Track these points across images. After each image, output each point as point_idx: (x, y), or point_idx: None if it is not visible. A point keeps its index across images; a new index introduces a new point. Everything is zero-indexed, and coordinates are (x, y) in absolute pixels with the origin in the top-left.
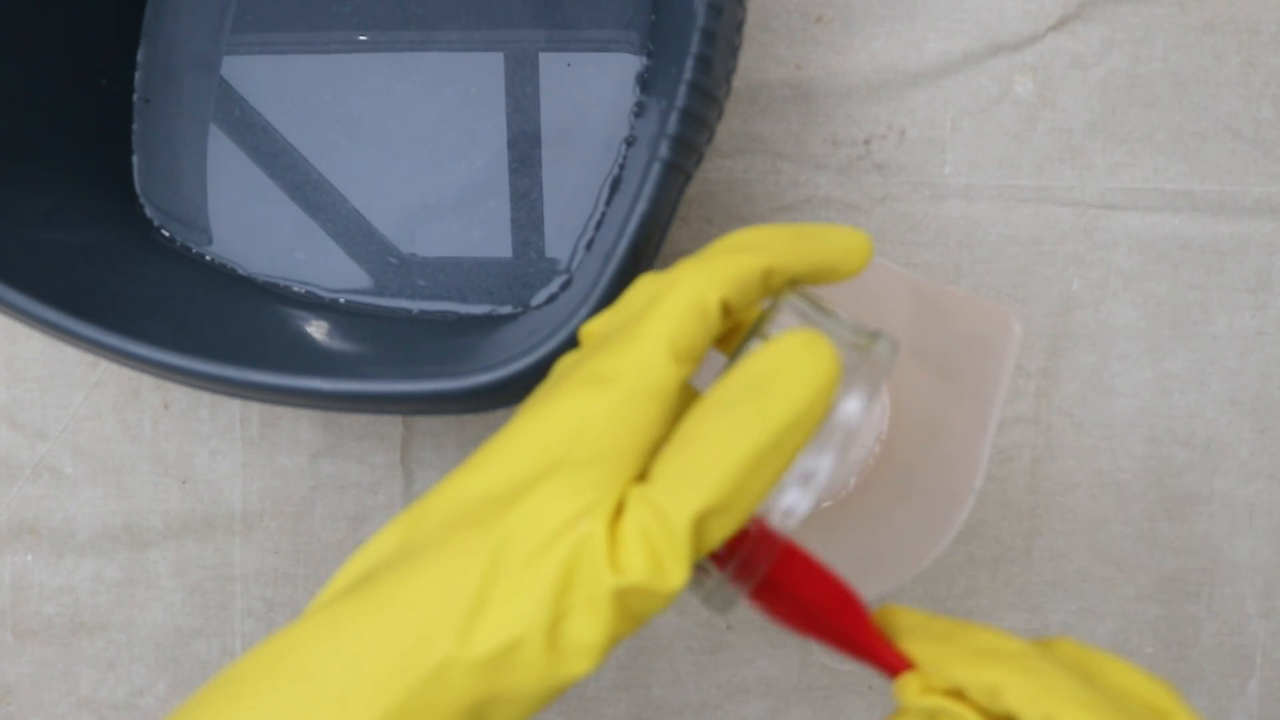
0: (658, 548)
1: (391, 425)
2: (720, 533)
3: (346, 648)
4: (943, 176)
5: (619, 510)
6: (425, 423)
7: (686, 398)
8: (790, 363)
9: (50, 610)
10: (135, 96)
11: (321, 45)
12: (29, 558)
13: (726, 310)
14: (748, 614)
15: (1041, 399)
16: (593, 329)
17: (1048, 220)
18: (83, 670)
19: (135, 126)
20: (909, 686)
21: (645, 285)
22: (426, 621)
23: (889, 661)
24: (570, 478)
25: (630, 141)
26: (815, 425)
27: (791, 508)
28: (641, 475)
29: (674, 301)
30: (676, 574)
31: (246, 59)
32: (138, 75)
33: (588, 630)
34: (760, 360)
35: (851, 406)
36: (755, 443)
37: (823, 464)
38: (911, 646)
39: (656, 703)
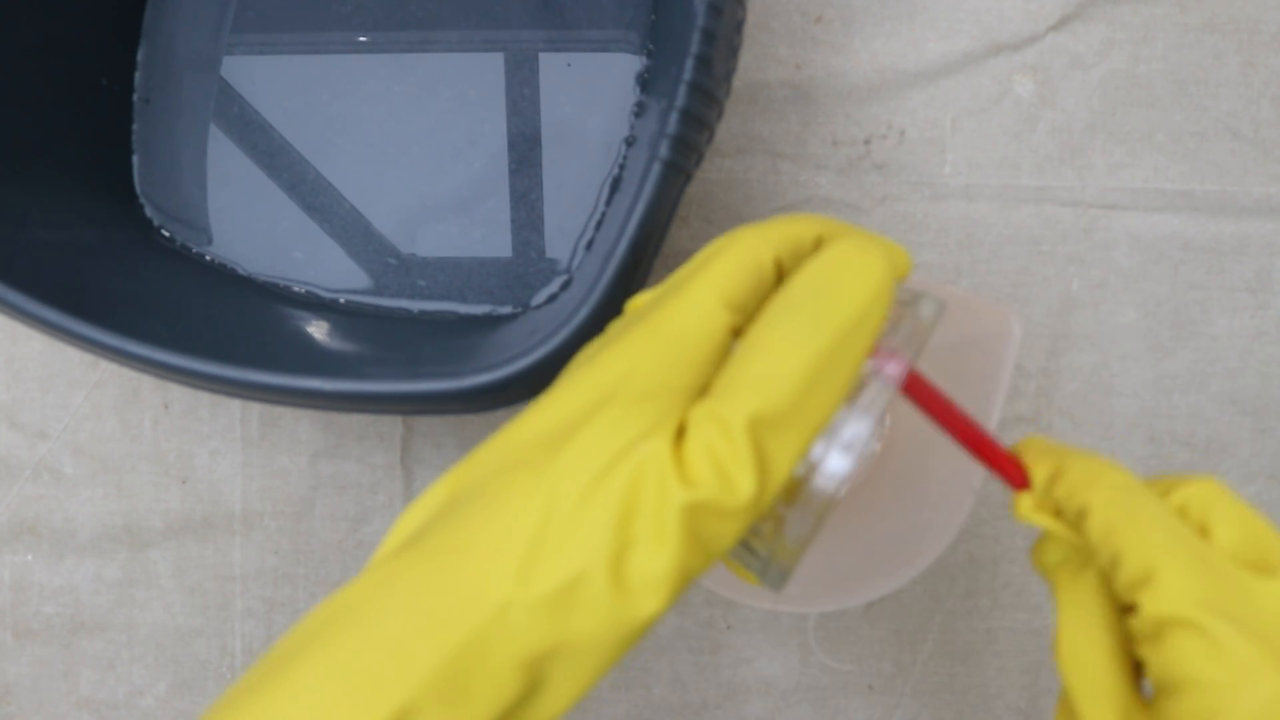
0: (720, 456)
1: (391, 425)
2: (786, 449)
3: (403, 597)
4: (943, 176)
5: (681, 434)
6: (425, 423)
7: None
8: (845, 266)
9: (50, 610)
10: (135, 96)
11: (321, 45)
12: (29, 558)
13: (779, 269)
14: (748, 614)
15: (1041, 399)
16: (640, 300)
17: (1048, 220)
18: (83, 670)
19: (135, 126)
20: (1022, 503)
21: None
22: (484, 565)
23: (1011, 474)
24: (625, 409)
25: (630, 141)
26: (873, 333)
27: (835, 470)
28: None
29: (729, 254)
30: (744, 482)
31: (246, 59)
32: (138, 75)
33: (657, 559)
34: (814, 267)
35: (893, 368)
36: (814, 346)
37: (862, 425)
38: (1030, 461)
39: (656, 703)
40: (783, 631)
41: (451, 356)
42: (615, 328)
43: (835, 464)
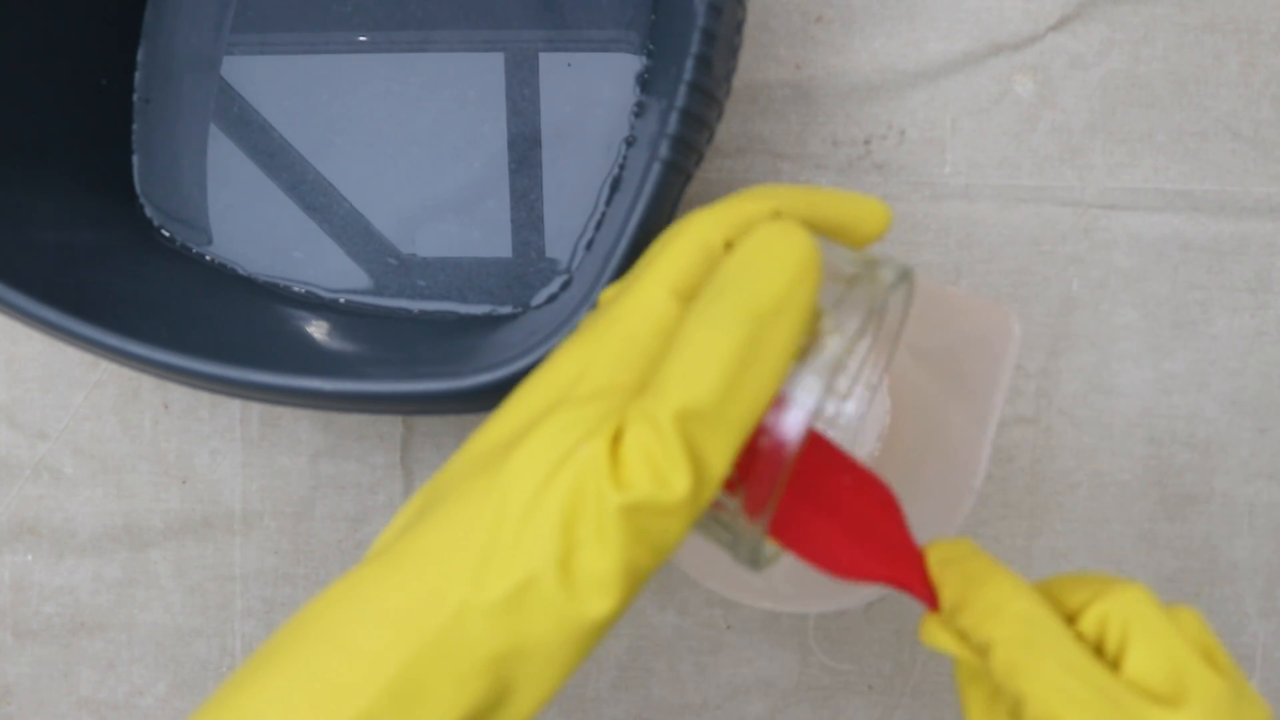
0: (653, 455)
1: (391, 425)
2: (719, 445)
3: (367, 605)
4: (943, 176)
5: (620, 434)
6: (425, 423)
7: None
8: (763, 250)
9: (50, 610)
10: (135, 96)
11: (321, 45)
12: (29, 558)
13: (730, 248)
14: (748, 614)
15: (1041, 399)
16: (609, 293)
17: (1048, 220)
18: (83, 670)
19: (135, 126)
20: (926, 627)
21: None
22: (441, 571)
23: (921, 592)
24: (569, 413)
25: (630, 141)
26: (798, 317)
27: (789, 425)
28: None
29: (678, 243)
30: (677, 480)
31: (246, 59)
32: (138, 75)
33: (601, 559)
34: (736, 254)
35: (850, 325)
36: (733, 335)
37: (812, 385)
38: (938, 578)
39: (656, 703)
40: (783, 631)
41: (451, 356)
42: (584, 323)
43: (789, 426)
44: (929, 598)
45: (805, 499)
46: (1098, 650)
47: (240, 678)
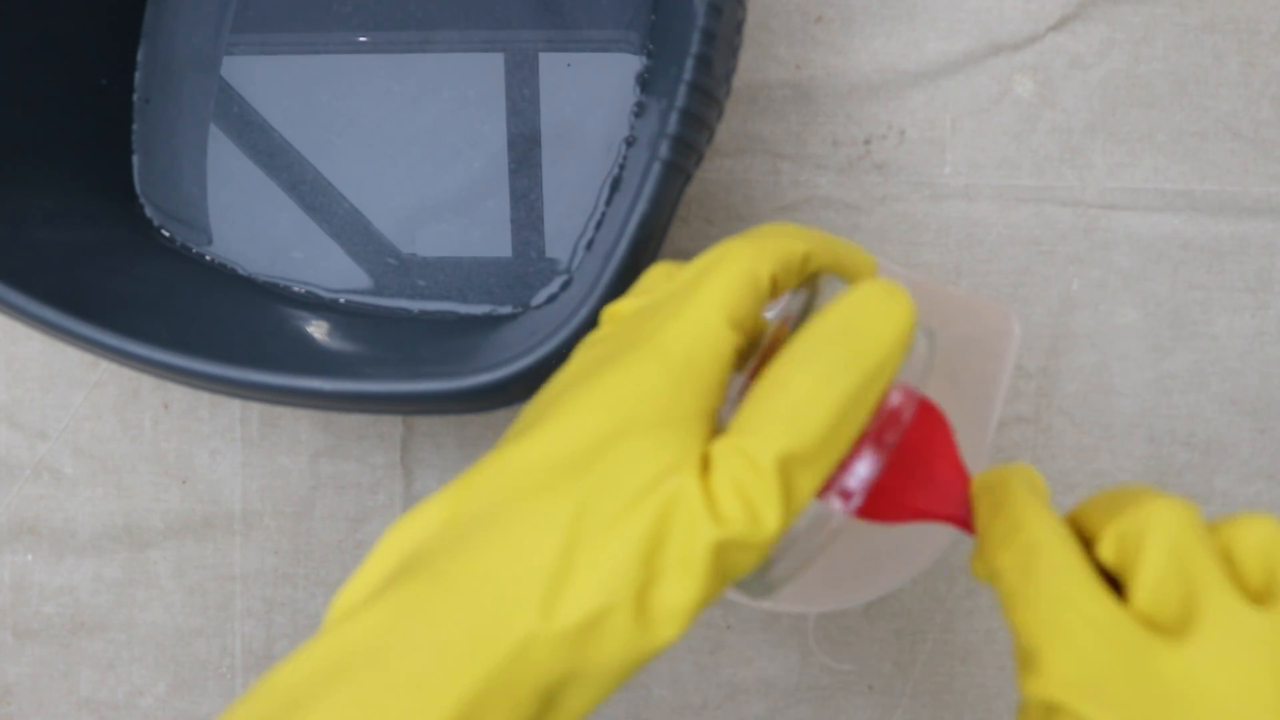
0: (750, 493)
1: (391, 425)
2: (809, 484)
3: (420, 631)
4: (943, 176)
5: (705, 465)
6: (425, 423)
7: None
8: (874, 307)
9: (50, 610)
10: (135, 96)
11: (321, 45)
12: (29, 558)
13: (774, 287)
14: (748, 614)
15: (1041, 399)
16: (620, 309)
17: (1048, 220)
18: (83, 670)
19: (135, 126)
20: (972, 558)
21: (664, 269)
22: (505, 596)
23: (964, 523)
24: (649, 437)
25: (630, 141)
26: (894, 373)
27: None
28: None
29: (729, 272)
30: (771, 519)
31: (246, 59)
32: (138, 75)
33: (682, 592)
34: (842, 308)
35: (893, 398)
36: (843, 386)
37: (866, 466)
38: (976, 506)
39: (656, 703)
40: (783, 631)
41: (451, 356)
42: (594, 338)
43: (836, 505)
44: (970, 528)
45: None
46: (1118, 577)
47: (281, 709)
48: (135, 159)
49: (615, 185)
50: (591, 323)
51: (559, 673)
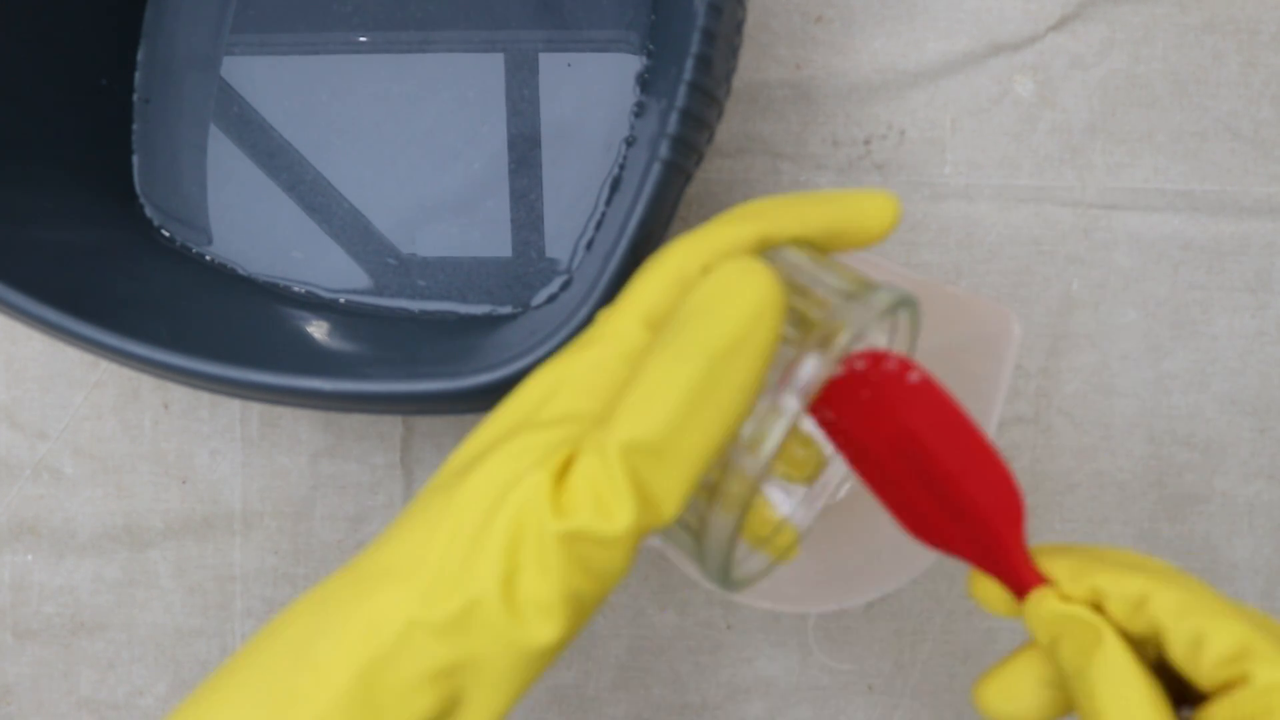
0: (598, 485)
1: (391, 425)
2: (667, 478)
3: (328, 617)
4: (943, 176)
5: (572, 463)
6: (425, 423)
7: None
8: (723, 289)
9: (50, 610)
10: (135, 96)
11: (321, 45)
12: (29, 558)
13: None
14: (748, 614)
15: (1041, 399)
16: (603, 315)
17: (1048, 220)
18: (83, 670)
19: (135, 126)
20: (1046, 598)
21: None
22: (396, 587)
23: (1023, 575)
24: (525, 439)
25: (630, 141)
26: (756, 356)
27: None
28: None
29: (653, 274)
30: (620, 512)
31: (246, 59)
32: (138, 75)
33: (542, 585)
34: (695, 292)
35: (809, 369)
36: (690, 371)
37: (790, 405)
38: (1046, 563)
39: (656, 703)
40: (783, 631)
41: (451, 356)
42: (569, 347)
43: (750, 466)
44: (1030, 576)
45: (904, 457)
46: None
47: (209, 684)
48: (135, 159)
49: (615, 185)
50: (591, 323)
51: (443, 661)
